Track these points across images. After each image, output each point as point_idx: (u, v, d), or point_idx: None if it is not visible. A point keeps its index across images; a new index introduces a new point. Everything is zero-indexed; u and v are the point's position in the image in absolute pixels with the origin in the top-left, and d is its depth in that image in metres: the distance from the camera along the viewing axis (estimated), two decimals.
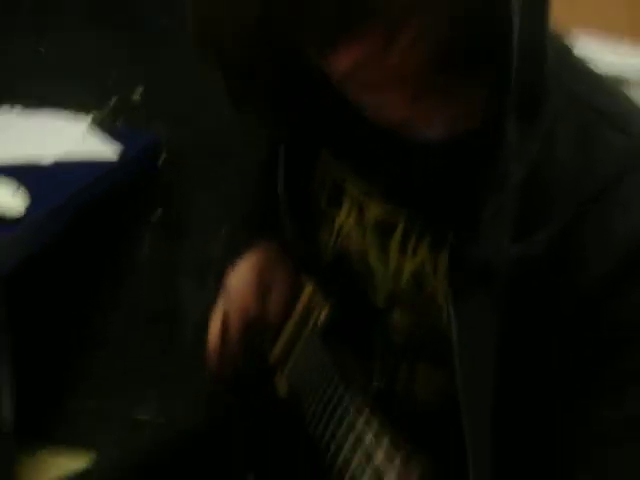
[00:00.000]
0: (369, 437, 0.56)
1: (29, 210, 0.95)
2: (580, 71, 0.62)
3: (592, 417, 0.56)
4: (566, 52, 0.62)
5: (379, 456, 0.53)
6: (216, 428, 0.92)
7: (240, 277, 0.84)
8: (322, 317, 0.74)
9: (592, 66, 0.63)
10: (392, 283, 0.69)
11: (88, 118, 1.43)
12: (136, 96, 1.46)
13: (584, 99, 0.58)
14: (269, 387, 0.80)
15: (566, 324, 0.56)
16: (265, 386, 0.81)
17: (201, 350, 1.51)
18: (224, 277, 0.85)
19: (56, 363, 1.72)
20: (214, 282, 1.52)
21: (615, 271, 0.53)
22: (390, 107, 0.56)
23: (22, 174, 1.08)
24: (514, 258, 0.55)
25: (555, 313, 0.56)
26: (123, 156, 1.25)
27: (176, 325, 1.62)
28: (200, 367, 1.46)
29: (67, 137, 1.32)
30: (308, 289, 0.78)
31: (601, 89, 0.62)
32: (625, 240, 0.53)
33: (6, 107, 1.43)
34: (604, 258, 0.54)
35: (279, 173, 0.76)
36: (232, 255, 0.86)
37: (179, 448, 0.90)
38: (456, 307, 0.58)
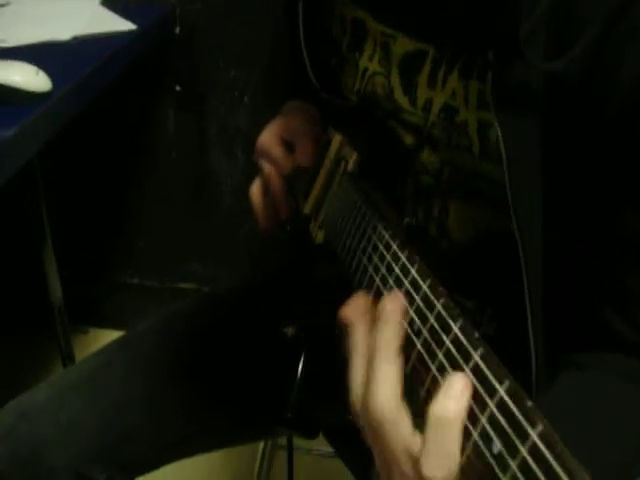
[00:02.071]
0: (399, 267, 0.58)
1: (55, 86, 0.96)
2: None
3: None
4: None
5: (406, 284, 0.55)
6: (256, 286, 0.96)
7: (268, 137, 0.84)
8: (352, 163, 0.75)
9: None
10: (422, 119, 0.70)
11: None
12: None
13: None
14: (305, 237, 0.82)
15: (608, 130, 0.56)
16: (301, 236, 0.84)
17: (237, 216, 1.54)
18: (253, 142, 0.85)
19: (96, 242, 1.77)
20: (242, 149, 1.55)
21: None
22: None
23: (43, 53, 1.09)
24: (552, 75, 0.55)
25: (596, 121, 0.56)
26: (139, 27, 1.24)
27: (211, 195, 1.65)
28: (238, 231, 1.51)
29: (81, 16, 1.31)
30: (336, 139, 0.79)
31: None
32: None
33: None
34: None
35: (299, 20, 0.76)
36: (257, 119, 0.86)
37: (220, 307, 0.94)
38: (502, 127, 0.58)
